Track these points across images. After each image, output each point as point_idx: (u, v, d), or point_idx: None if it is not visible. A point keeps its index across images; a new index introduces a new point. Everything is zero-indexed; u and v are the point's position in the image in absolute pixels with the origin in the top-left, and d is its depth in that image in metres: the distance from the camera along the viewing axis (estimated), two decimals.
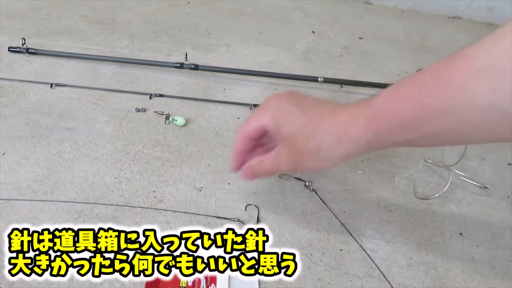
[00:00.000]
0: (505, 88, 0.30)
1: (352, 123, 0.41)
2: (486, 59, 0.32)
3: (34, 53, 1.01)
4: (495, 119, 0.32)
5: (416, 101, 0.36)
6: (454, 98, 0.33)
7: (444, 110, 0.34)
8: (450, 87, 0.34)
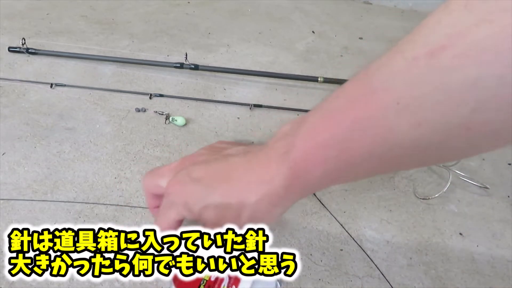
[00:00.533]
0: (432, 121, 0.26)
1: (272, 186, 0.37)
2: (404, 91, 0.27)
3: (34, 53, 1.01)
4: (420, 152, 0.29)
5: (340, 147, 0.31)
6: (377, 138, 0.29)
7: (369, 153, 0.30)
8: (372, 127, 0.29)
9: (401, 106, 0.27)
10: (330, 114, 0.33)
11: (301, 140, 0.35)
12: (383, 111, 0.28)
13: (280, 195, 0.37)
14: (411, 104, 0.27)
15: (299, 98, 0.98)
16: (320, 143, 0.33)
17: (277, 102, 0.95)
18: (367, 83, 0.30)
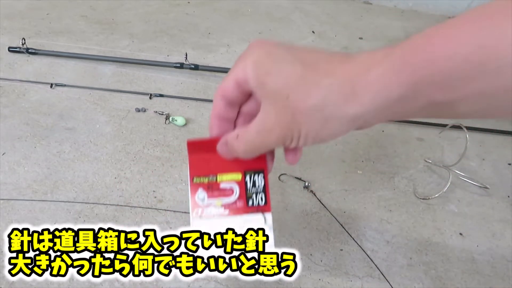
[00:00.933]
0: None
1: (375, 71, 0.28)
2: None
3: (34, 53, 1.01)
4: None
5: (472, 41, 0.25)
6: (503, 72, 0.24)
7: (503, 59, 0.24)
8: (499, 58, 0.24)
9: None
10: (455, 32, 0.26)
11: (418, 35, 0.28)
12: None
13: (386, 87, 0.28)
14: None
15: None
16: (447, 34, 0.26)
17: None
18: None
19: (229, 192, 0.39)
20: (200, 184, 0.40)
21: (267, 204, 0.40)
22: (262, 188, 0.40)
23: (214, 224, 0.39)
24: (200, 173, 0.40)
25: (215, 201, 0.39)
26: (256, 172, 0.40)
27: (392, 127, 0.91)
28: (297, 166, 0.77)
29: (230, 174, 0.39)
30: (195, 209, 0.39)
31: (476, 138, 0.90)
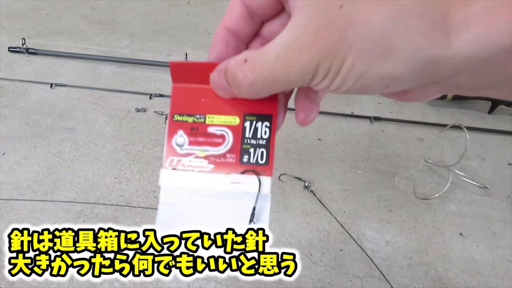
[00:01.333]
0: None
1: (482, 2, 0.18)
2: None
3: (34, 53, 1.01)
4: None
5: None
6: None
7: None
8: None
9: None
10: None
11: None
12: None
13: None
14: None
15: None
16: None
17: None
18: None
19: (218, 140, 0.29)
20: (182, 125, 0.30)
21: (268, 165, 0.29)
22: (265, 141, 0.29)
23: (190, 180, 0.30)
24: (184, 109, 0.30)
25: (197, 149, 0.29)
26: (261, 118, 0.29)
27: (392, 127, 0.91)
28: (297, 166, 0.77)
29: (224, 116, 0.29)
30: (169, 158, 0.29)
31: (476, 138, 0.90)
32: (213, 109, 0.29)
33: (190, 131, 0.29)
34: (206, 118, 0.29)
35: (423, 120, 0.94)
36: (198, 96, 0.29)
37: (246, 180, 0.29)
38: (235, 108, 0.29)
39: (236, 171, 0.29)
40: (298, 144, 0.83)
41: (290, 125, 0.89)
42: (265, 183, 0.29)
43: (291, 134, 0.86)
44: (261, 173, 0.29)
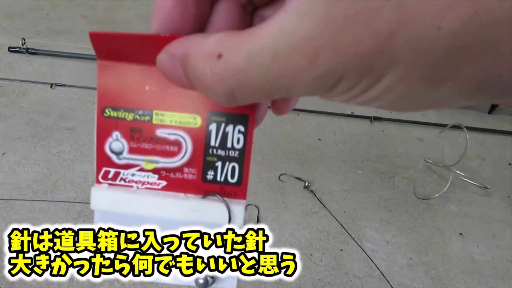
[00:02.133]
0: None
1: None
2: None
3: (34, 53, 1.01)
4: None
5: None
6: None
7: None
8: None
9: None
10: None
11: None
12: None
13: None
14: None
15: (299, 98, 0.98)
16: None
17: None
18: None
19: (171, 148, 0.21)
20: (118, 124, 0.21)
21: (241, 185, 0.21)
22: (238, 152, 0.21)
23: (133, 203, 0.22)
24: (119, 101, 0.20)
25: (142, 159, 0.21)
26: (233, 119, 0.20)
27: (392, 127, 0.91)
28: (297, 166, 0.77)
29: (179, 114, 0.20)
30: (103, 169, 0.21)
31: (476, 138, 0.90)
32: (162, 102, 0.20)
33: (130, 134, 0.20)
34: (153, 116, 0.20)
35: (423, 120, 0.94)
36: (140, 81, 0.20)
37: (210, 207, 0.21)
38: (196, 103, 0.20)
39: (198, 192, 0.21)
40: (298, 144, 0.83)
41: (290, 125, 0.89)
42: (236, 213, 0.21)
43: (291, 134, 0.86)
44: (231, 196, 0.21)
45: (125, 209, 0.22)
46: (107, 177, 0.22)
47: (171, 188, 0.21)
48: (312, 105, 0.95)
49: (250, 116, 0.21)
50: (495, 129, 0.93)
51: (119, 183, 0.22)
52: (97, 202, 0.22)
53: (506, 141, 0.91)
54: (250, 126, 0.21)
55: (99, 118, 0.20)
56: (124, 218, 0.23)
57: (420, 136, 0.90)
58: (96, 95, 0.20)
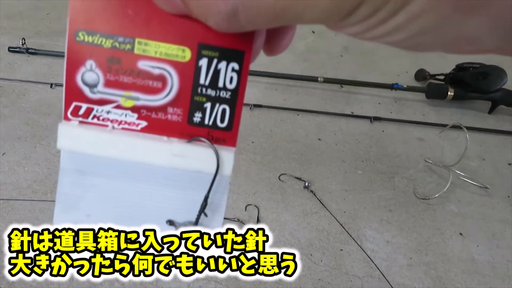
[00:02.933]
0: None
1: None
2: None
3: (34, 53, 1.01)
4: None
5: None
6: None
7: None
8: None
9: None
10: None
11: None
12: None
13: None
14: None
15: (299, 98, 0.98)
16: None
17: (277, 102, 0.95)
18: None
19: (155, 84, 0.18)
20: (92, 51, 0.18)
21: (231, 131, 0.19)
22: (230, 93, 0.18)
23: (107, 144, 0.19)
24: (95, 24, 0.17)
25: (120, 94, 0.18)
26: (226, 55, 0.18)
27: (392, 127, 0.92)
28: (297, 166, 0.77)
29: (165, 45, 0.17)
30: (73, 103, 0.18)
31: (476, 138, 0.90)
32: (147, 29, 0.17)
33: (107, 64, 0.18)
34: (135, 45, 0.17)
35: (423, 120, 0.94)
36: (122, 2, 0.17)
37: (196, 153, 0.19)
38: (186, 33, 0.17)
39: (182, 136, 0.19)
40: (298, 144, 0.83)
41: (290, 125, 0.89)
42: (225, 159, 0.19)
43: (291, 134, 0.86)
44: (219, 142, 0.19)
45: (98, 151, 0.18)
46: (77, 113, 0.18)
47: (152, 130, 0.19)
48: (312, 105, 0.95)
49: (246, 53, 0.18)
50: (495, 129, 0.93)
51: (92, 121, 0.19)
52: (64, 141, 0.19)
53: (506, 141, 0.91)
54: (245, 64, 0.18)
55: (71, 43, 0.17)
56: (96, 161, 0.19)
57: (420, 136, 0.90)
58: (68, 15, 0.17)
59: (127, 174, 0.19)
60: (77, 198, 0.20)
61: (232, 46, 0.18)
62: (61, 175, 0.19)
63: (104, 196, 0.20)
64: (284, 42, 0.19)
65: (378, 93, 1.03)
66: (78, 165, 0.19)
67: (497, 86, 0.98)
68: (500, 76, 0.98)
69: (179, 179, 0.19)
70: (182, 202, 0.20)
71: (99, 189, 0.19)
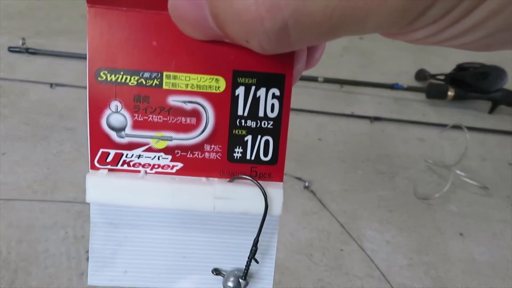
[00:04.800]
0: None
1: None
2: None
3: (34, 53, 1.01)
4: None
5: None
6: None
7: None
8: None
9: None
10: None
11: None
12: None
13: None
14: None
15: (299, 98, 0.98)
16: None
17: None
18: None
19: (188, 120, 0.16)
20: (116, 90, 0.17)
21: (277, 164, 0.17)
22: (273, 122, 0.17)
23: (138, 195, 0.17)
24: (118, 60, 0.16)
25: (150, 136, 0.17)
26: (265, 80, 0.16)
27: (392, 127, 0.91)
28: (297, 166, 0.77)
29: (197, 76, 0.16)
30: (99, 151, 0.17)
31: (476, 138, 0.90)
32: (174, 61, 0.16)
33: (134, 104, 0.16)
34: (163, 79, 0.16)
35: (423, 120, 0.94)
36: (144, 33, 0.15)
37: (240, 193, 0.17)
38: (217, 60, 0.16)
39: (223, 175, 0.17)
40: (298, 144, 0.83)
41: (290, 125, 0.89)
42: (273, 197, 0.17)
43: (291, 134, 0.86)
44: (264, 178, 0.17)
45: (130, 201, 0.17)
46: (105, 161, 0.17)
47: (189, 172, 0.17)
48: (312, 105, 0.95)
49: (287, 76, 0.16)
50: (495, 129, 0.93)
51: (122, 168, 0.17)
52: (93, 194, 0.17)
53: (506, 141, 0.91)
54: (287, 89, 0.16)
55: (92, 84, 0.16)
56: (129, 213, 0.17)
57: (420, 136, 0.90)
58: (87, 54, 0.16)
59: (164, 222, 0.17)
60: (112, 253, 0.18)
61: (271, 70, 0.16)
62: (92, 229, 0.17)
63: (141, 249, 0.18)
64: (317, 54, 0.17)
65: (378, 93, 1.03)
66: (110, 218, 0.18)
67: (497, 86, 0.98)
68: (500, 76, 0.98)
69: (223, 223, 0.18)
70: (228, 248, 0.18)
71: (135, 241, 0.18)
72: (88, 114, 0.16)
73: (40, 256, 0.56)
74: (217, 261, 0.18)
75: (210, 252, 0.18)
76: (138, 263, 0.18)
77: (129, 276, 0.18)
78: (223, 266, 0.18)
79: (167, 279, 0.18)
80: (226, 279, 0.18)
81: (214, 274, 0.18)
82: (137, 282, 0.18)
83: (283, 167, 0.17)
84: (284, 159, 0.17)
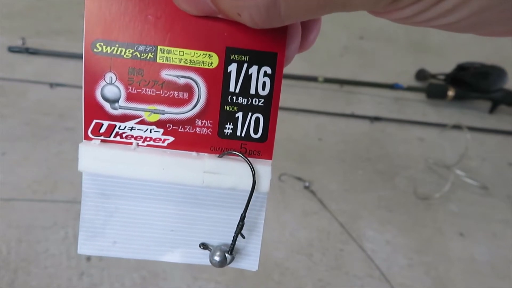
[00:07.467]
0: None
1: None
2: None
3: (34, 53, 1.01)
4: None
5: None
6: None
7: None
8: None
9: None
10: None
11: None
12: None
13: None
14: None
15: (299, 98, 0.98)
16: None
17: None
18: None
19: (180, 94, 0.17)
20: (111, 62, 0.16)
21: (266, 141, 0.18)
22: (264, 100, 0.18)
23: (130, 167, 0.17)
24: (114, 33, 0.16)
25: (144, 108, 0.17)
26: (257, 58, 0.17)
27: (392, 127, 0.91)
28: (297, 166, 0.77)
29: (191, 51, 0.16)
30: (93, 122, 0.17)
31: (476, 138, 0.90)
32: (169, 36, 0.16)
33: (128, 76, 0.16)
34: (158, 53, 0.16)
35: (424, 120, 0.94)
36: (140, 7, 0.16)
37: (229, 168, 0.17)
38: (211, 37, 0.16)
39: (213, 150, 0.17)
40: (298, 144, 0.83)
41: (290, 124, 0.89)
42: (262, 174, 0.17)
43: (291, 134, 0.86)
44: (254, 155, 0.18)
45: (121, 171, 0.17)
46: (98, 132, 0.17)
47: (180, 146, 0.17)
48: (312, 105, 0.95)
49: (279, 55, 0.16)
50: (495, 129, 0.93)
51: (114, 139, 0.17)
52: (86, 163, 0.17)
53: (506, 141, 0.91)
54: (278, 67, 0.16)
55: (88, 56, 0.16)
56: (120, 183, 0.18)
57: (421, 136, 0.90)
58: (84, 26, 0.16)
59: (154, 195, 0.18)
60: (102, 224, 0.18)
61: (264, 48, 0.16)
62: (83, 199, 0.18)
63: (131, 221, 0.18)
64: (311, 36, 0.17)
65: (378, 93, 1.03)
66: (102, 188, 0.18)
67: (497, 86, 0.98)
68: (500, 76, 0.98)
69: (211, 198, 0.18)
70: (216, 223, 0.18)
71: (125, 213, 0.18)
72: (83, 85, 0.16)
73: (40, 256, 0.56)
74: (204, 235, 0.18)
75: (198, 227, 0.18)
76: (127, 235, 0.18)
77: (118, 247, 0.18)
78: (210, 241, 0.18)
79: (155, 251, 0.18)
80: (213, 254, 0.18)
81: (202, 248, 0.18)
82: (125, 253, 0.18)
83: (273, 145, 0.18)
84: (274, 137, 0.18)
